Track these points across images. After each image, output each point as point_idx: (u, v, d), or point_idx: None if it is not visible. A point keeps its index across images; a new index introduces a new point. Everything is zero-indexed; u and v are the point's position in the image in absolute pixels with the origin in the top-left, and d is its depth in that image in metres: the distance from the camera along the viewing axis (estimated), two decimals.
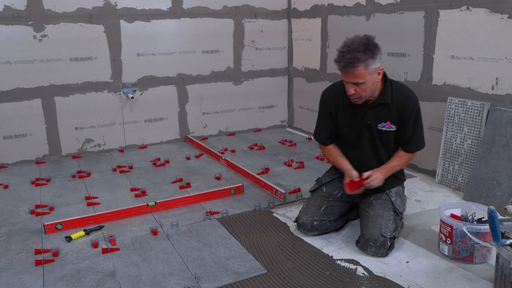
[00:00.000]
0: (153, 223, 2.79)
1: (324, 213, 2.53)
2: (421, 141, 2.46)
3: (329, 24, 4.40)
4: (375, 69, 2.21)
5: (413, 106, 2.36)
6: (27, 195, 3.30)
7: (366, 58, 2.15)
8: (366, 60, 2.15)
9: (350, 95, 2.27)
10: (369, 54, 2.15)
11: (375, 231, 2.33)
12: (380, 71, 2.25)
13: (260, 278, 2.17)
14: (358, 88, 2.23)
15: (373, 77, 2.22)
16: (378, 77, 2.26)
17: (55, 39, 3.99)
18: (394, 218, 2.39)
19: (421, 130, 2.43)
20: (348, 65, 2.16)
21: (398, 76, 3.65)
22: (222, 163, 3.93)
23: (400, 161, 2.46)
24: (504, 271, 1.81)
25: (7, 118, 3.95)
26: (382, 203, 2.42)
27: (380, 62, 2.24)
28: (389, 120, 2.38)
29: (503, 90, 2.90)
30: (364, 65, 2.16)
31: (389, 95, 2.33)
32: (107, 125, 4.35)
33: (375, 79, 2.24)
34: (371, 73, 2.19)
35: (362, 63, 2.15)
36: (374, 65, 2.19)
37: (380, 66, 2.24)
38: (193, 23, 4.52)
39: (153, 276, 2.20)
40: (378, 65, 2.22)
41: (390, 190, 2.49)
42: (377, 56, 2.20)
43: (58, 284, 2.15)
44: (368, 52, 2.15)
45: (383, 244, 2.30)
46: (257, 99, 5.01)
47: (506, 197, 2.75)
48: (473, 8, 2.99)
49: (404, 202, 2.54)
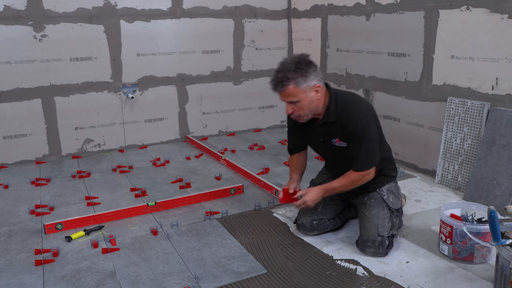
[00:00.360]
0: (153, 223, 2.79)
1: (322, 212, 2.54)
2: (369, 159, 2.26)
3: (329, 24, 4.40)
4: (310, 87, 2.18)
5: (356, 123, 2.22)
6: (27, 195, 3.30)
7: (296, 76, 2.14)
8: (296, 79, 2.15)
9: (289, 114, 2.28)
10: (300, 73, 2.15)
11: (372, 231, 2.33)
12: (317, 89, 2.21)
13: (260, 278, 2.17)
14: (295, 107, 2.22)
15: (308, 95, 2.19)
16: (317, 94, 2.22)
17: (55, 39, 3.99)
18: (390, 216, 2.38)
19: (368, 147, 2.23)
20: (278, 84, 2.18)
21: (398, 76, 3.66)
22: (222, 163, 3.93)
23: (344, 181, 2.32)
24: (504, 271, 1.81)
25: (7, 118, 3.95)
26: (376, 203, 2.41)
27: (318, 80, 2.21)
28: (337, 137, 2.32)
29: (503, 90, 2.90)
30: (295, 83, 2.15)
31: (333, 112, 2.27)
32: (107, 125, 4.35)
33: (312, 97, 2.21)
34: (304, 91, 2.17)
35: (292, 81, 2.15)
36: (307, 83, 2.17)
37: (317, 84, 2.21)
38: (193, 23, 4.52)
39: (153, 276, 2.20)
40: (313, 83, 2.19)
41: (381, 188, 2.44)
42: (310, 74, 2.18)
43: (58, 284, 2.15)
44: (298, 71, 2.15)
45: (381, 243, 2.31)
46: (257, 99, 5.01)
47: (506, 197, 2.75)
48: (473, 8, 2.99)
49: (398, 198, 2.49)
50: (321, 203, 2.55)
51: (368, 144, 2.23)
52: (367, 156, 2.25)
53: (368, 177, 2.31)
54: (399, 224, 2.52)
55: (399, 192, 2.55)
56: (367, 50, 3.96)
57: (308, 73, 2.17)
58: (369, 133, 2.22)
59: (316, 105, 2.24)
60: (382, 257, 2.32)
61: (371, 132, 2.22)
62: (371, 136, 2.22)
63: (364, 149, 2.23)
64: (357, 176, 2.30)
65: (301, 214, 2.59)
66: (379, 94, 3.89)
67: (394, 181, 2.53)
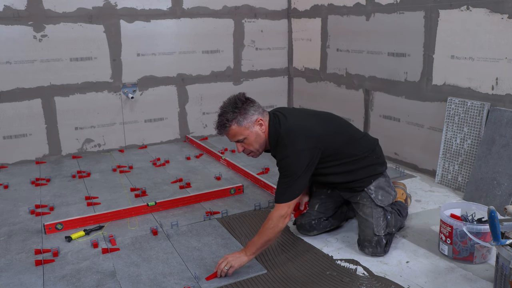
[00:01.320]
0: (153, 223, 2.79)
1: (319, 210, 2.54)
2: (284, 194, 2.16)
3: (329, 24, 4.40)
4: (252, 122, 2.24)
5: (281, 158, 2.22)
6: (27, 195, 3.30)
7: (235, 116, 2.21)
8: (236, 118, 2.21)
9: (240, 152, 2.35)
10: (238, 112, 2.22)
11: (368, 231, 2.34)
12: (260, 122, 2.26)
13: (260, 278, 2.17)
14: (244, 145, 2.28)
15: (252, 130, 2.25)
16: (262, 127, 2.27)
17: (55, 39, 3.99)
18: (383, 215, 2.36)
19: (286, 181, 2.17)
20: (221, 128, 2.25)
21: (398, 76, 3.66)
22: (222, 163, 3.93)
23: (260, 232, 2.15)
24: (504, 271, 1.81)
25: (7, 118, 3.95)
26: (368, 202, 2.39)
27: (259, 113, 2.26)
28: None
29: (503, 90, 2.90)
30: (236, 122, 2.22)
31: (272, 145, 2.30)
32: (107, 125, 4.35)
33: (257, 131, 2.26)
34: (247, 127, 2.23)
35: (233, 121, 2.22)
36: (247, 120, 2.23)
37: (259, 117, 2.25)
38: (193, 23, 4.52)
39: (153, 276, 2.20)
40: (255, 118, 2.25)
41: (368, 187, 2.39)
42: (249, 110, 2.24)
43: (58, 284, 2.15)
44: (236, 110, 2.22)
45: (378, 242, 2.31)
46: (257, 99, 4.88)
47: (506, 197, 2.75)
48: (473, 8, 2.99)
49: (389, 192, 2.42)
50: (317, 202, 2.56)
51: (288, 178, 2.17)
52: (283, 190, 2.18)
53: (280, 218, 2.14)
54: (396, 222, 2.43)
55: (390, 184, 2.47)
56: (367, 50, 3.96)
57: (247, 110, 2.24)
58: (291, 168, 2.17)
59: (263, 138, 2.29)
60: (381, 256, 2.33)
61: (294, 167, 2.17)
62: (293, 171, 2.17)
63: (281, 182, 2.20)
64: (269, 223, 2.15)
65: (300, 215, 2.60)
66: (379, 94, 3.89)
67: (383, 176, 2.44)
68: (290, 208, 2.17)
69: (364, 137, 2.47)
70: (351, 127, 2.46)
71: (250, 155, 2.36)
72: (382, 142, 3.93)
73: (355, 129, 2.49)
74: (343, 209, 2.66)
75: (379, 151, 2.49)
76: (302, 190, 2.21)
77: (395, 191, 2.49)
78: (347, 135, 2.38)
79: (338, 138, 2.32)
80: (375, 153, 2.43)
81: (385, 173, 2.47)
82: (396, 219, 2.44)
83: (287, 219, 2.17)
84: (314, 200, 2.58)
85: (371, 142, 2.47)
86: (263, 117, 2.29)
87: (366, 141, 2.44)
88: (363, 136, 2.47)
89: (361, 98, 4.10)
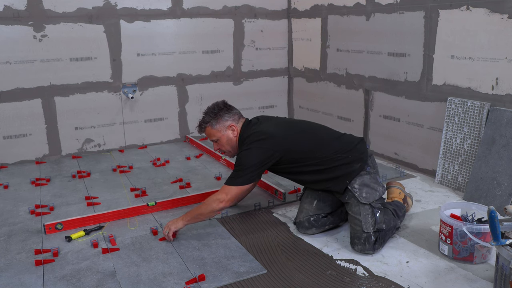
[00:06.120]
0: (153, 223, 2.79)
1: (317, 207, 2.56)
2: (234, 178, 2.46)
3: (329, 24, 4.40)
4: (225, 127, 2.58)
5: (239, 150, 2.56)
6: (27, 195, 3.30)
7: (210, 119, 2.59)
8: (210, 121, 2.58)
9: (215, 151, 2.75)
10: (212, 116, 2.58)
11: (357, 228, 2.37)
12: (233, 127, 2.59)
13: (260, 278, 2.17)
14: (217, 145, 2.64)
15: (224, 133, 2.59)
16: (233, 132, 2.60)
17: (55, 39, 3.99)
18: (371, 212, 2.37)
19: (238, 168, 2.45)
20: (199, 127, 2.65)
21: (398, 76, 3.66)
22: (222, 163, 3.93)
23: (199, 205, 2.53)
24: (504, 271, 1.81)
25: (7, 118, 3.95)
26: (354, 201, 2.41)
27: (232, 120, 2.59)
28: None
29: (503, 90, 2.90)
30: (210, 125, 2.59)
31: (240, 147, 2.60)
32: (107, 125, 4.35)
33: (229, 134, 2.59)
34: (219, 130, 2.58)
35: (208, 124, 2.59)
36: (220, 124, 2.58)
37: (231, 124, 2.59)
38: (193, 23, 4.52)
39: (153, 276, 2.20)
40: (228, 123, 2.59)
41: (351, 185, 2.43)
42: (223, 116, 2.58)
43: (58, 284, 2.16)
44: (211, 115, 2.59)
45: (367, 239, 2.33)
46: (257, 99, 5.01)
47: (506, 197, 2.75)
48: (473, 8, 2.99)
49: (375, 189, 2.43)
50: (315, 198, 2.58)
51: (237, 167, 2.47)
52: (231, 176, 2.48)
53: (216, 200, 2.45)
54: (387, 219, 2.40)
55: (377, 180, 2.49)
56: (367, 50, 3.96)
57: (221, 115, 2.58)
58: (242, 162, 2.46)
59: (235, 141, 2.61)
60: (370, 253, 2.34)
61: (244, 160, 2.45)
62: (243, 164, 2.45)
63: (233, 171, 2.50)
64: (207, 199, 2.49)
65: (299, 212, 2.62)
66: (379, 94, 3.89)
67: (367, 173, 2.47)
68: (227, 196, 2.43)
69: (341, 137, 2.57)
70: (323, 131, 2.62)
71: (224, 154, 2.72)
72: (382, 142, 3.96)
73: (330, 131, 2.63)
74: (343, 208, 2.66)
75: (361, 148, 2.53)
76: (246, 182, 2.45)
77: (383, 187, 2.51)
78: (316, 140, 2.53)
79: (303, 142, 2.51)
80: (352, 152, 2.50)
81: (370, 170, 2.50)
82: (386, 216, 2.42)
83: (222, 204, 2.44)
84: (312, 197, 2.60)
85: (349, 141, 2.55)
86: (237, 123, 2.61)
87: (340, 142, 2.53)
88: (339, 137, 2.58)
89: (361, 98, 4.11)
